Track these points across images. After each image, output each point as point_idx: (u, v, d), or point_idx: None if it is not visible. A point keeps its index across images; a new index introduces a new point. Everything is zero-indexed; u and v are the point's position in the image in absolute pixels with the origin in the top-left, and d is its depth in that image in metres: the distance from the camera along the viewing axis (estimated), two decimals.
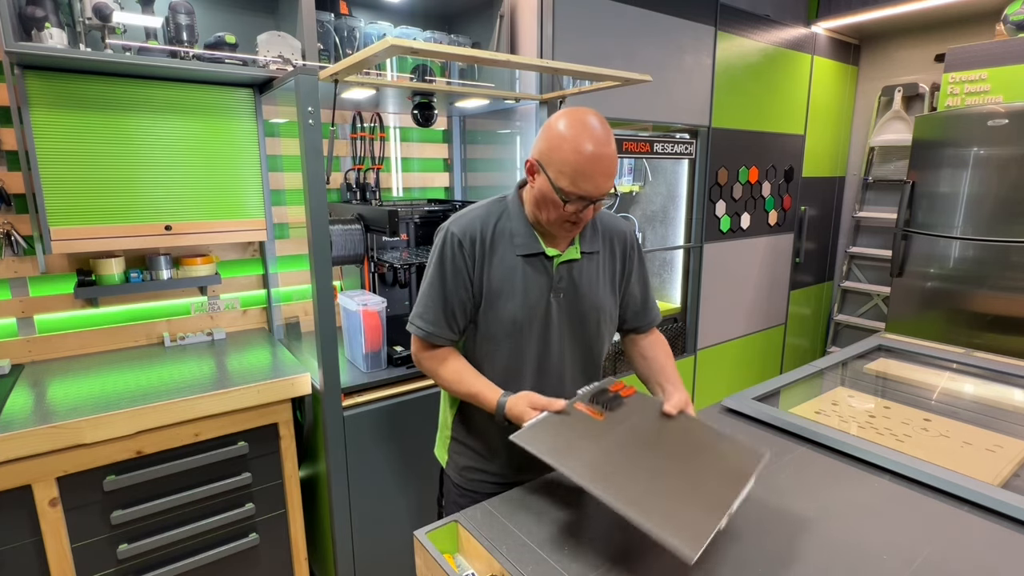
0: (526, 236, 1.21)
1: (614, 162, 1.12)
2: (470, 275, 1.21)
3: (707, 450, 1.04)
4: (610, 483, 0.91)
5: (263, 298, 2.30)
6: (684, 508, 0.88)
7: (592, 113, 1.12)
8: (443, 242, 1.21)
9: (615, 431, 1.05)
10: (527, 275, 1.21)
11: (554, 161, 1.10)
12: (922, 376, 1.86)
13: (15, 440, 1.38)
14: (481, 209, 1.25)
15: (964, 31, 3.36)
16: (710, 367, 3.20)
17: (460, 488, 1.36)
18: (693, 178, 2.93)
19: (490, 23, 2.28)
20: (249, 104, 1.94)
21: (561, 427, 1.05)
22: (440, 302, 1.21)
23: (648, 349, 1.37)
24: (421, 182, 2.65)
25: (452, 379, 1.23)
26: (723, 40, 2.80)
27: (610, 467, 0.96)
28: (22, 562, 1.46)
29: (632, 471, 0.96)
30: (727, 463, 1.01)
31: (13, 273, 1.83)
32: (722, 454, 1.03)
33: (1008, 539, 0.99)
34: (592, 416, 1.09)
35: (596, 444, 1.01)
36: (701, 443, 1.06)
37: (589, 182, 1.09)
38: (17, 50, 1.44)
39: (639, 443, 1.03)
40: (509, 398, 1.14)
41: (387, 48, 1.25)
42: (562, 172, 1.09)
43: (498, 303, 1.21)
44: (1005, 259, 2.52)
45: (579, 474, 0.92)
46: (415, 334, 1.25)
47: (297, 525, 1.88)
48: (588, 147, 1.07)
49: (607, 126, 1.12)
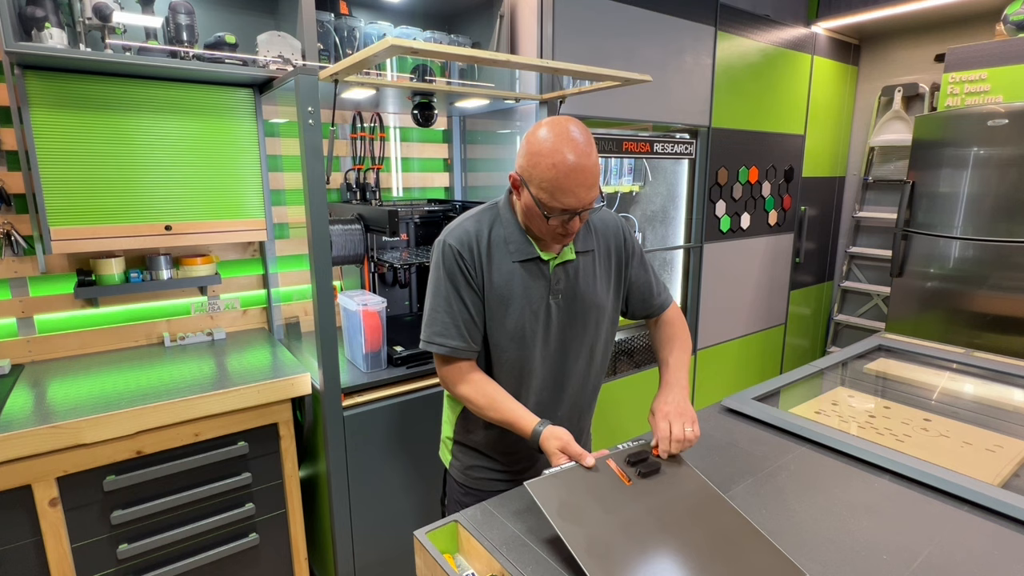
0: (520, 242, 1.20)
1: (593, 172, 1.09)
2: (475, 284, 1.20)
3: (735, 554, 0.89)
4: (605, 564, 0.83)
5: (263, 298, 2.30)
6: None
7: (571, 122, 1.10)
8: (442, 256, 1.20)
9: (636, 505, 0.95)
10: (526, 280, 1.20)
11: (534, 177, 1.09)
12: (922, 376, 1.86)
13: (15, 440, 1.38)
14: (472, 219, 1.23)
15: (964, 31, 3.36)
16: (710, 367, 3.20)
17: (465, 487, 1.36)
18: (693, 178, 2.92)
19: (490, 23, 2.28)
20: (249, 104, 1.94)
21: (581, 484, 0.98)
22: (453, 316, 1.19)
23: (660, 341, 1.36)
24: (421, 182, 2.64)
25: (485, 404, 1.19)
26: (723, 40, 2.80)
27: (613, 546, 0.87)
28: (22, 562, 1.46)
29: (634, 558, 0.86)
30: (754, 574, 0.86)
31: (13, 273, 1.83)
32: (752, 564, 0.87)
33: (1008, 539, 0.99)
34: (620, 478, 1.01)
35: (609, 515, 0.92)
36: (731, 543, 0.91)
37: (570, 196, 1.08)
38: (17, 50, 1.44)
39: (657, 527, 0.92)
40: (545, 429, 1.11)
41: (387, 48, 1.25)
42: (542, 188, 1.08)
43: (501, 310, 1.20)
44: (1005, 259, 2.52)
45: (574, 543, 0.86)
46: (437, 352, 1.21)
47: (297, 525, 1.88)
48: (565, 161, 1.05)
49: (587, 134, 1.09)
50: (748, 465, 1.24)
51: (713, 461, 1.25)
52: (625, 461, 1.06)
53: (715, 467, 1.23)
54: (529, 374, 1.25)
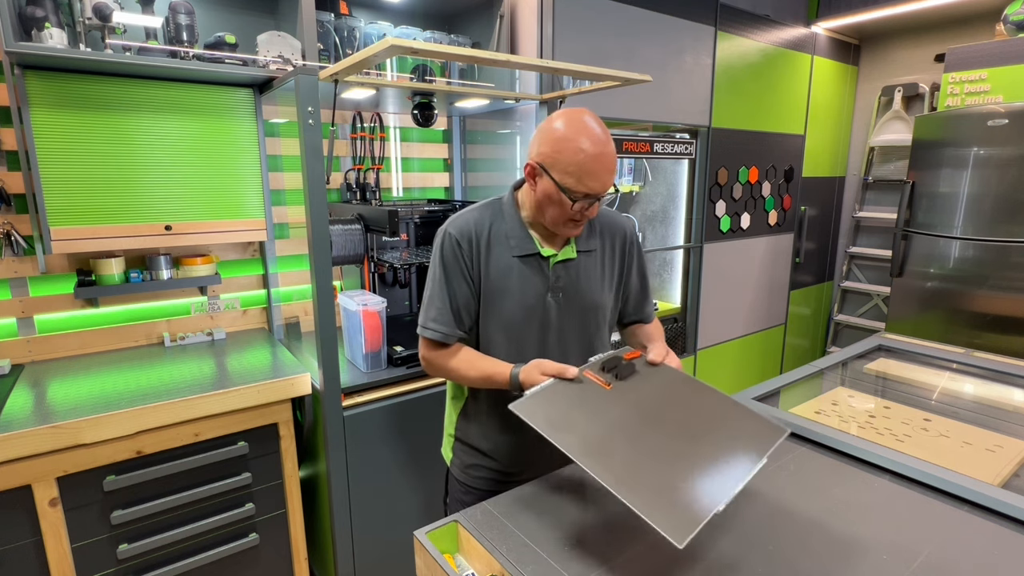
0: (521, 237, 1.22)
1: (615, 159, 1.15)
2: (470, 274, 1.22)
3: (718, 425, 0.98)
4: (604, 460, 0.87)
5: (263, 298, 2.30)
6: (681, 490, 0.84)
7: (588, 113, 1.14)
8: (442, 244, 1.23)
9: (621, 403, 1.00)
10: (523, 276, 1.22)
11: (559, 162, 1.12)
12: (922, 376, 1.86)
13: (15, 440, 1.38)
14: (476, 211, 1.26)
15: (964, 31, 3.36)
16: (710, 367, 3.20)
17: (465, 485, 1.37)
18: (693, 178, 2.93)
19: (490, 23, 2.28)
20: (249, 104, 1.94)
21: (563, 396, 1.01)
22: (447, 302, 1.22)
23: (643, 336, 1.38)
24: (421, 182, 2.64)
25: (463, 367, 1.22)
26: (723, 40, 2.80)
27: (607, 443, 0.91)
28: (22, 562, 1.46)
29: (630, 448, 0.91)
30: (738, 441, 0.94)
31: (13, 273, 1.83)
32: (735, 431, 0.97)
33: (1008, 539, 0.99)
34: (600, 385, 1.04)
35: (597, 417, 0.96)
36: (714, 417, 1.00)
37: (595, 180, 1.11)
38: (17, 50, 1.44)
39: (644, 417, 0.98)
40: (522, 368, 1.14)
41: (387, 48, 1.25)
42: (568, 172, 1.11)
43: (495, 303, 1.22)
44: (1005, 259, 2.52)
45: (571, 449, 0.89)
46: (428, 337, 1.24)
47: (297, 525, 1.88)
48: (591, 146, 1.10)
49: (603, 124, 1.14)
50: None
51: None
52: (600, 369, 1.09)
53: None
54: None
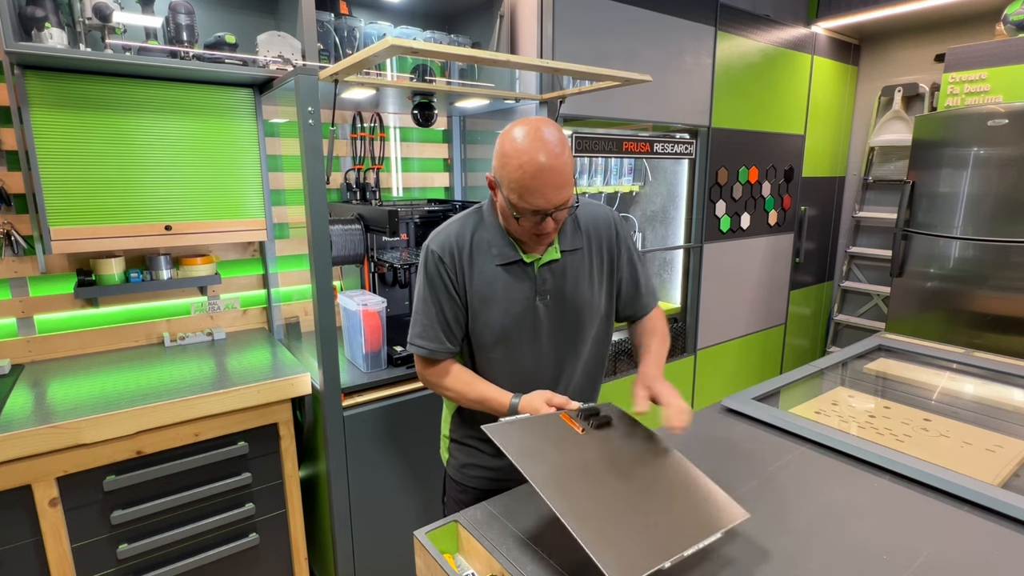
0: (503, 245, 1.21)
1: (562, 173, 1.07)
2: (455, 288, 1.21)
3: (682, 492, 0.98)
4: (563, 493, 0.87)
5: (263, 298, 2.30)
6: (632, 537, 0.84)
7: (542, 122, 1.09)
8: (425, 260, 1.23)
9: (590, 449, 1.01)
10: (508, 283, 1.21)
11: (503, 178, 1.10)
12: (922, 376, 1.86)
13: (15, 440, 1.38)
14: (457, 223, 1.25)
15: (964, 31, 3.36)
16: (710, 367, 3.20)
17: (461, 485, 1.37)
18: (693, 178, 2.92)
19: (490, 23, 2.28)
20: (249, 104, 1.94)
21: (538, 431, 1.03)
22: (434, 318, 1.22)
23: (641, 336, 1.36)
24: (421, 182, 2.64)
25: (460, 389, 1.23)
26: (723, 40, 2.80)
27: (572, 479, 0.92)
28: (22, 562, 1.46)
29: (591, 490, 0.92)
30: (698, 510, 0.94)
31: (13, 273, 1.83)
32: (697, 501, 0.96)
33: (1008, 539, 0.99)
34: (573, 428, 1.05)
35: (565, 456, 0.97)
36: (679, 484, 1.00)
37: (538, 197, 1.07)
38: (17, 50, 1.44)
39: (611, 467, 0.99)
40: (522, 398, 1.13)
41: (387, 48, 1.25)
42: (511, 189, 1.09)
43: (483, 313, 1.22)
44: (1005, 259, 2.52)
45: (535, 478, 0.89)
46: (417, 354, 1.25)
47: (297, 525, 1.88)
48: (533, 161, 1.05)
49: (558, 134, 1.08)
50: (748, 465, 1.24)
51: (713, 461, 1.25)
52: (578, 416, 1.10)
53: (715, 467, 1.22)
54: (522, 375, 1.25)
